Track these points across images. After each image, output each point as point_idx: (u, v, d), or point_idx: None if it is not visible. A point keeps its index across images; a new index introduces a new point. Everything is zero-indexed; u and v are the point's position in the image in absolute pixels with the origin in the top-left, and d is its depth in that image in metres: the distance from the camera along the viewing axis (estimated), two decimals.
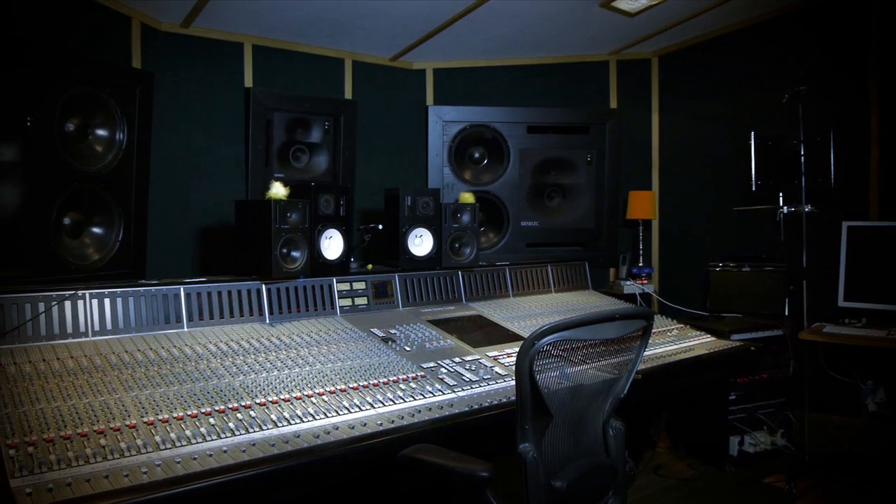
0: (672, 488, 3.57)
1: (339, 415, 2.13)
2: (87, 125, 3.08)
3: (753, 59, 4.31)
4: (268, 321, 2.85)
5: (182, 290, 2.67)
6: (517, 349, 1.74)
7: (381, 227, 3.52)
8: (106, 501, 1.53)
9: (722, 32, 4.43)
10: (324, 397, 2.22)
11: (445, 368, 2.61)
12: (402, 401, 2.29)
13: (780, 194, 3.95)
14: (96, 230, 3.17)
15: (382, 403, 2.25)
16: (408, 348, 2.77)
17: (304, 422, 2.05)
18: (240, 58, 4.20)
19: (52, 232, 2.88)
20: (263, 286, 2.88)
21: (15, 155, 2.69)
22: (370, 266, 3.42)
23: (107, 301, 2.49)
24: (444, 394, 2.40)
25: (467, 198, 3.62)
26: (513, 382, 2.45)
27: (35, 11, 3.12)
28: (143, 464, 1.71)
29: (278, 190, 2.91)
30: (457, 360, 2.71)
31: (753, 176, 3.98)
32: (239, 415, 2.03)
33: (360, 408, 2.19)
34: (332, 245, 3.14)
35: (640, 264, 4.75)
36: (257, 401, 2.12)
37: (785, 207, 3.91)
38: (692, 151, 4.75)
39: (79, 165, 2.99)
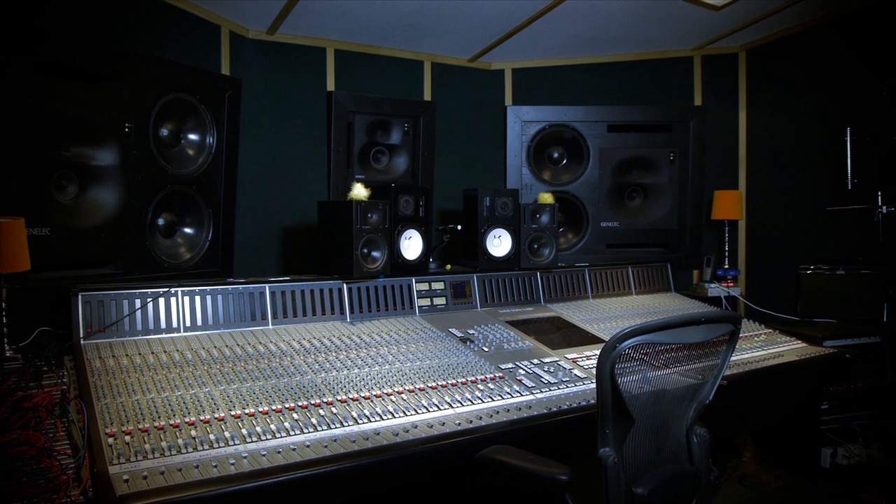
0: (759, 499, 3.44)
1: (417, 413, 2.15)
2: (180, 130, 3.23)
3: (848, 51, 4.08)
4: (349, 320, 2.91)
5: (267, 288, 2.76)
6: (597, 352, 1.72)
7: (459, 227, 3.53)
8: (196, 490, 1.60)
9: (813, 24, 4.22)
10: (403, 396, 2.25)
11: (524, 370, 2.60)
12: (479, 401, 2.29)
13: (879, 193, 3.72)
14: (188, 230, 3.32)
15: (461, 403, 2.26)
16: (486, 349, 2.77)
17: (383, 419, 2.08)
18: (322, 62, 4.30)
19: (148, 232, 3.03)
20: (345, 285, 2.95)
21: (115, 159, 2.85)
22: (449, 266, 3.44)
23: (197, 298, 2.61)
24: (522, 395, 2.39)
25: (546, 198, 3.59)
26: (592, 385, 2.42)
27: (131, 21, 3.28)
28: (230, 455, 1.78)
29: (359, 191, 2.96)
30: (535, 361, 2.70)
31: (849, 174, 3.77)
32: (321, 411, 2.08)
33: (438, 407, 2.21)
34: (412, 245, 3.18)
35: (726, 266, 4.59)
36: (338, 398, 2.17)
37: (884, 207, 3.68)
38: (782, 149, 4.56)
39: (172, 168, 3.14)
